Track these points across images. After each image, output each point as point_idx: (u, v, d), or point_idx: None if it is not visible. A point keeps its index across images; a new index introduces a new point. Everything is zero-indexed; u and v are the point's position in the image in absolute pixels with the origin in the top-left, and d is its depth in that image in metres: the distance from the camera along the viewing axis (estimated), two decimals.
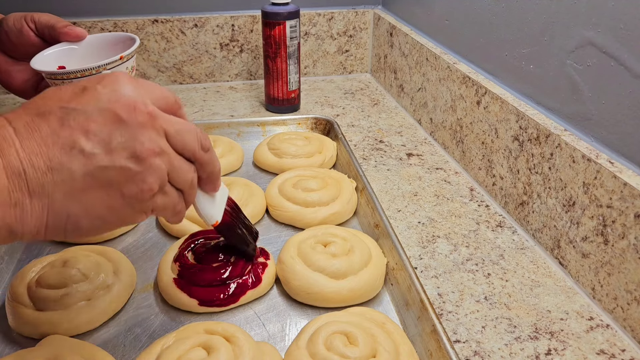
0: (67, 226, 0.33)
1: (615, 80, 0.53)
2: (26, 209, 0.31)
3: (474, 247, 0.63)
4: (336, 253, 0.57)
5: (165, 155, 0.36)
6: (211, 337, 0.46)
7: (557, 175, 0.59)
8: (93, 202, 0.33)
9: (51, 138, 0.32)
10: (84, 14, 1.04)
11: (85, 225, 0.34)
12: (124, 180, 0.34)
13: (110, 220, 0.35)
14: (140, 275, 0.59)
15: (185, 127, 0.38)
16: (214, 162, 0.42)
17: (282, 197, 0.69)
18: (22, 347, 0.49)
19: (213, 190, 0.46)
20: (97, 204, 0.33)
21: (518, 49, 0.68)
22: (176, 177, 0.37)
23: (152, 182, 0.35)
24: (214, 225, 0.50)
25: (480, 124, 0.75)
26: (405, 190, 0.75)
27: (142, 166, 0.34)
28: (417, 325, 0.51)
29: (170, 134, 0.36)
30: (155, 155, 0.35)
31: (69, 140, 0.32)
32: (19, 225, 0.31)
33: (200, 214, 0.47)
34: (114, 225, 0.35)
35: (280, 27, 0.91)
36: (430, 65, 0.89)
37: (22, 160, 0.31)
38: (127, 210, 0.35)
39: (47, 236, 0.33)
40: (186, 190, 0.39)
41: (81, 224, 0.33)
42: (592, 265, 0.55)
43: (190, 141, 0.38)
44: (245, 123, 0.90)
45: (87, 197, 0.33)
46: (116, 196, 0.34)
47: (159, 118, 0.35)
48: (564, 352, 0.49)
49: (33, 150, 0.31)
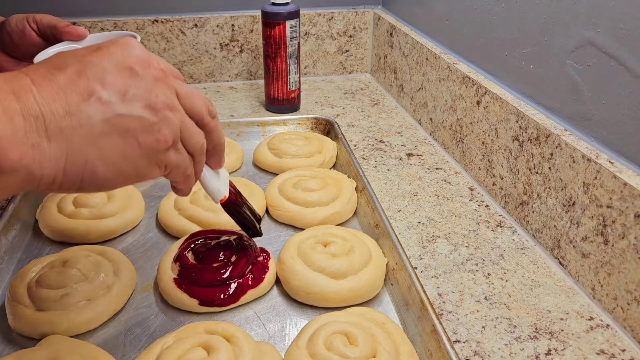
0: (84, 173, 0.33)
1: (615, 80, 0.53)
2: (44, 152, 0.31)
3: (474, 247, 0.63)
4: (336, 253, 0.57)
5: (177, 111, 0.37)
6: (211, 337, 0.46)
7: (557, 175, 0.59)
8: (110, 148, 0.34)
9: (69, 87, 0.32)
10: (84, 14, 1.04)
11: (102, 173, 0.34)
12: (140, 129, 0.34)
13: (126, 169, 0.35)
14: (140, 275, 0.59)
15: (193, 91, 0.39)
16: (220, 131, 0.43)
17: (282, 197, 0.69)
18: (22, 347, 0.49)
19: (218, 165, 0.47)
20: (114, 151, 0.34)
21: (518, 49, 0.68)
22: (188, 137, 0.39)
23: (167, 134, 0.36)
24: (221, 200, 0.51)
25: (480, 124, 0.75)
26: (405, 190, 0.75)
27: (157, 117, 0.35)
28: (417, 325, 0.51)
29: (181, 94, 0.38)
30: (168, 109, 0.36)
31: (87, 88, 0.33)
32: (37, 167, 0.31)
33: (208, 188, 0.49)
34: (130, 176, 0.36)
35: (280, 27, 0.91)
36: (430, 65, 0.89)
37: (40, 105, 0.31)
38: (142, 161, 0.35)
39: (64, 185, 0.33)
40: (196, 156, 0.41)
41: (98, 170, 0.34)
42: (592, 265, 0.55)
43: (198, 105, 0.39)
44: (245, 123, 0.90)
45: (104, 142, 0.33)
46: (133, 144, 0.34)
47: (170, 77, 0.37)
48: (564, 352, 0.49)
49: (51, 96, 0.31)
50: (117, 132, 0.34)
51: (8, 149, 0.29)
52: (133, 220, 0.67)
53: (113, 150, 0.34)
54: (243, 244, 0.59)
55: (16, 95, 0.30)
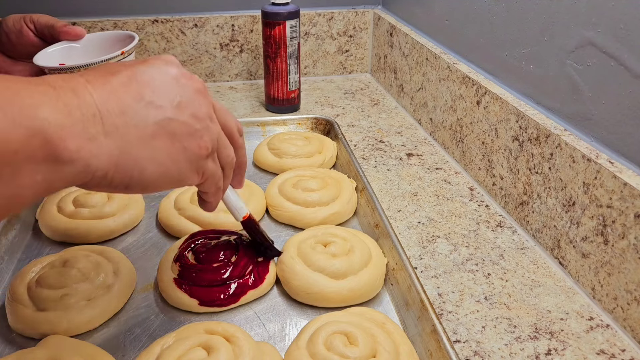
0: (133, 170, 0.35)
1: (615, 80, 0.53)
2: (101, 145, 0.32)
3: (474, 247, 0.63)
4: (336, 253, 0.57)
5: (215, 123, 0.40)
6: (211, 337, 0.46)
7: (557, 175, 0.59)
8: (159, 149, 0.36)
9: (122, 89, 0.34)
10: (84, 14, 1.04)
11: (150, 172, 0.36)
12: (186, 134, 0.37)
13: (171, 171, 0.37)
14: (140, 275, 0.59)
15: (226, 108, 0.43)
16: (245, 150, 0.47)
17: (282, 197, 0.69)
18: (22, 347, 0.49)
19: (239, 184, 0.51)
20: (163, 152, 0.36)
21: (518, 49, 0.68)
22: (222, 150, 0.42)
23: (208, 141, 0.39)
24: (244, 217, 0.55)
25: (480, 124, 0.75)
26: (405, 190, 0.75)
27: (200, 124, 0.38)
28: (417, 325, 0.51)
29: (217, 108, 0.41)
30: (209, 119, 0.39)
31: (139, 92, 0.35)
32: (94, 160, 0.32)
33: (231, 204, 0.53)
34: (173, 179, 0.38)
35: (280, 27, 0.91)
36: (430, 65, 0.89)
37: (97, 102, 0.32)
38: (185, 164, 0.38)
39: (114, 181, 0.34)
40: (227, 169, 0.44)
41: (147, 169, 0.35)
42: (592, 265, 0.55)
43: (231, 120, 0.43)
44: (245, 123, 0.90)
45: (155, 143, 0.35)
46: (179, 147, 0.37)
47: (207, 91, 0.40)
48: (564, 352, 0.49)
49: (106, 96, 0.33)
50: (166, 134, 0.36)
51: (68, 139, 0.30)
52: (133, 220, 0.67)
53: (162, 151, 0.36)
54: (243, 244, 0.59)
55: (74, 92, 0.31)
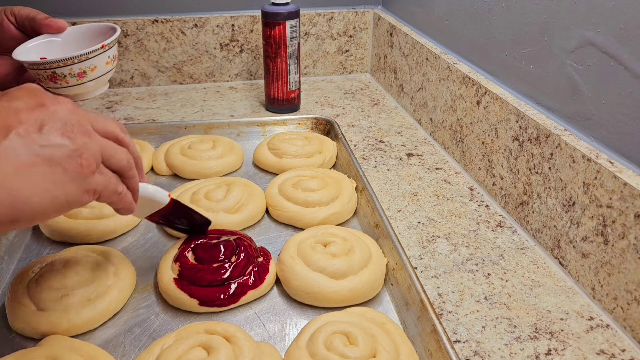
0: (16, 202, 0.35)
1: (615, 80, 0.53)
2: None
3: (474, 247, 0.63)
4: (336, 253, 0.57)
5: (94, 136, 0.40)
6: (211, 337, 0.46)
7: (557, 175, 0.59)
8: (40, 176, 0.36)
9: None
10: (84, 14, 1.04)
11: (35, 201, 0.36)
12: (63, 156, 0.37)
13: (58, 196, 0.37)
14: (140, 275, 0.59)
15: (104, 115, 0.43)
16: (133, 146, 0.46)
17: (282, 197, 0.69)
18: (22, 347, 0.49)
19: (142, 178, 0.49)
20: (45, 179, 0.36)
21: (518, 49, 0.68)
22: (110, 157, 0.41)
23: (89, 157, 0.38)
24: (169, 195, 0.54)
25: (480, 124, 0.75)
26: (405, 190, 0.75)
27: (75, 143, 0.37)
28: (417, 325, 0.51)
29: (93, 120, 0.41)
30: (85, 135, 0.39)
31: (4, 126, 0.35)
32: None
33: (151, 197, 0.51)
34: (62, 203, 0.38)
35: (280, 27, 0.91)
36: (430, 65, 0.89)
37: None
38: (72, 186, 0.38)
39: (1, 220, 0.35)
40: (126, 172, 0.43)
41: (31, 198, 0.35)
42: (592, 265, 0.55)
43: (110, 125, 0.43)
44: (245, 123, 0.90)
45: (34, 171, 0.35)
46: (59, 170, 0.37)
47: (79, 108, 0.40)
48: (564, 352, 0.49)
49: None
50: (44, 161, 0.36)
51: None
52: (133, 220, 0.67)
53: (43, 178, 0.36)
54: (243, 244, 0.59)
55: None
